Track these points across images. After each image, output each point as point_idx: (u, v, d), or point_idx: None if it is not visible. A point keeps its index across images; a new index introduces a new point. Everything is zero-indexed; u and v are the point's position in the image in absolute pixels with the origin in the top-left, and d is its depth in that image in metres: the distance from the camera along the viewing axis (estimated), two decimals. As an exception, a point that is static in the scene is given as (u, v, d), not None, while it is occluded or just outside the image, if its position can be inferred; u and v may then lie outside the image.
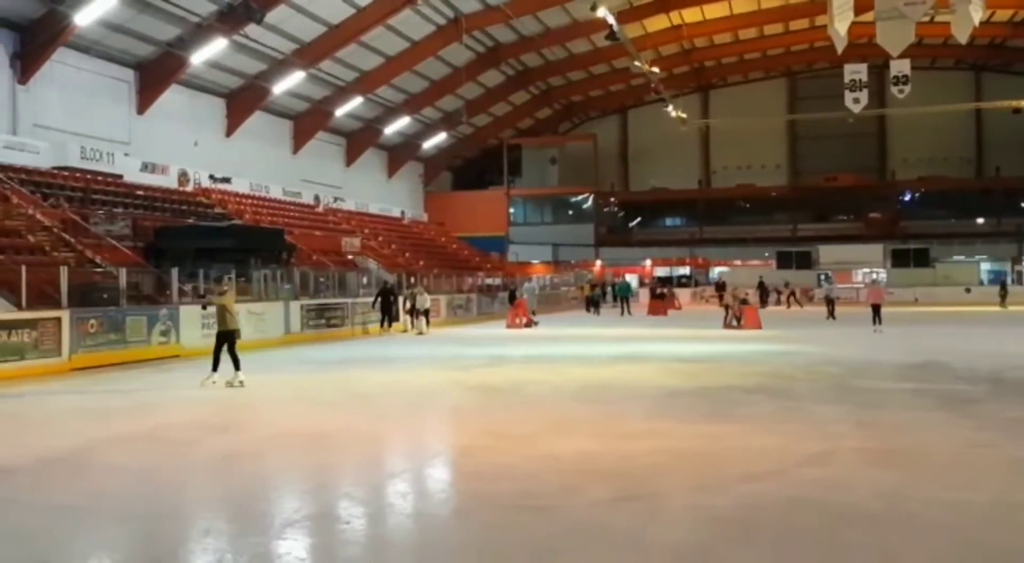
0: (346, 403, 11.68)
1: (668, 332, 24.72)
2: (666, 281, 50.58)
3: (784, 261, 52.53)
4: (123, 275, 18.83)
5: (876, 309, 24.22)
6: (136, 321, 17.57)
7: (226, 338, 13.26)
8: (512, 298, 32.71)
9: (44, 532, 5.64)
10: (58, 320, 15.64)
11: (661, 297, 37.40)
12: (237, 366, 13.09)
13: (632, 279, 53.38)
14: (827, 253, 51.80)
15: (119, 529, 5.76)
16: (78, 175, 26.72)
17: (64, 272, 17.01)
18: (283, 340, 21.94)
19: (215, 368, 13.10)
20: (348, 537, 5.63)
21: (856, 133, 52.77)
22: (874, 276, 48.23)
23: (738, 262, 55.52)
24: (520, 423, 9.56)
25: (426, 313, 26.12)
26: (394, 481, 7.22)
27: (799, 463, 7.42)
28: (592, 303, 38.29)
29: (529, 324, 28.31)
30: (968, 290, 47.05)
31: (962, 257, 52.04)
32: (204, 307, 15.17)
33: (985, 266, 52.68)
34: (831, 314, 30.19)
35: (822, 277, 50.38)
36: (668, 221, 59.18)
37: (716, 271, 55.19)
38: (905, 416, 9.95)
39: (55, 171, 26.24)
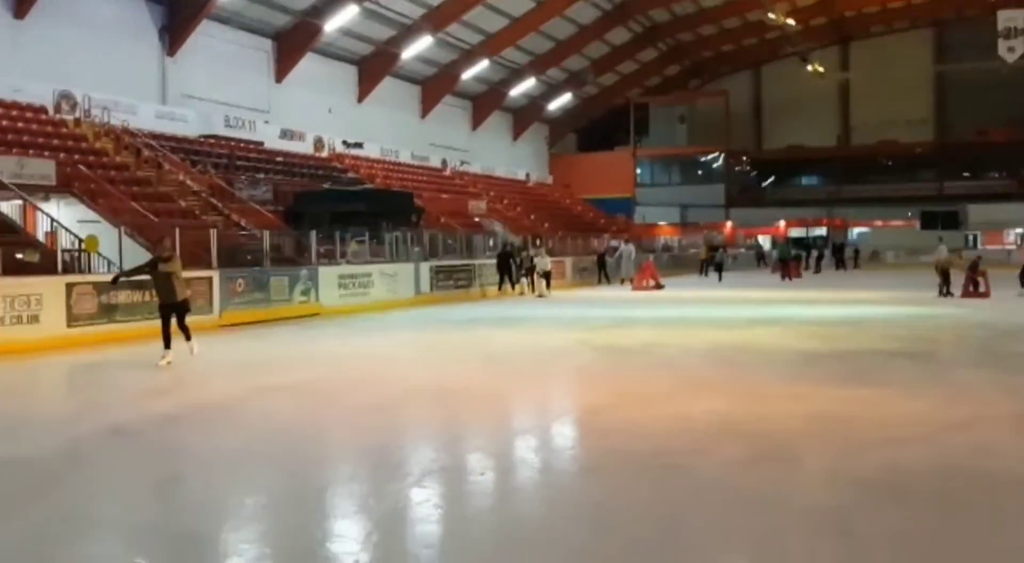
0: (475, 361, 11.94)
1: (805, 295, 23.97)
2: (801, 243, 48.77)
3: (929, 221, 49.74)
4: (266, 238, 19.77)
5: None
6: (279, 281, 18.43)
7: (174, 310, 11.32)
8: (602, 263, 31.74)
9: (209, 474, 6.08)
10: (209, 279, 16.61)
11: (797, 259, 36.09)
12: (188, 336, 11.51)
13: (764, 241, 51.90)
14: (977, 213, 48.72)
15: (274, 472, 6.13)
16: (223, 142, 28.12)
17: (214, 235, 18.01)
18: (413, 300, 22.55)
19: (167, 345, 11.15)
20: (482, 488, 5.80)
21: (1010, 84, 48.99)
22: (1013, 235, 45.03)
23: (879, 222, 53.02)
24: (650, 383, 9.55)
25: (546, 275, 25.88)
26: (524, 437, 7.37)
27: (945, 428, 7.12)
28: (715, 266, 33.28)
29: (658, 286, 28.00)
30: None
31: None
32: (114, 282, 12.24)
33: None
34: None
35: (971, 238, 47.56)
36: (804, 180, 57.00)
37: (855, 232, 52.92)
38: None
39: (202, 139, 27.68)
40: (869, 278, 32.59)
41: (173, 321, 11.33)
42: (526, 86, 44.85)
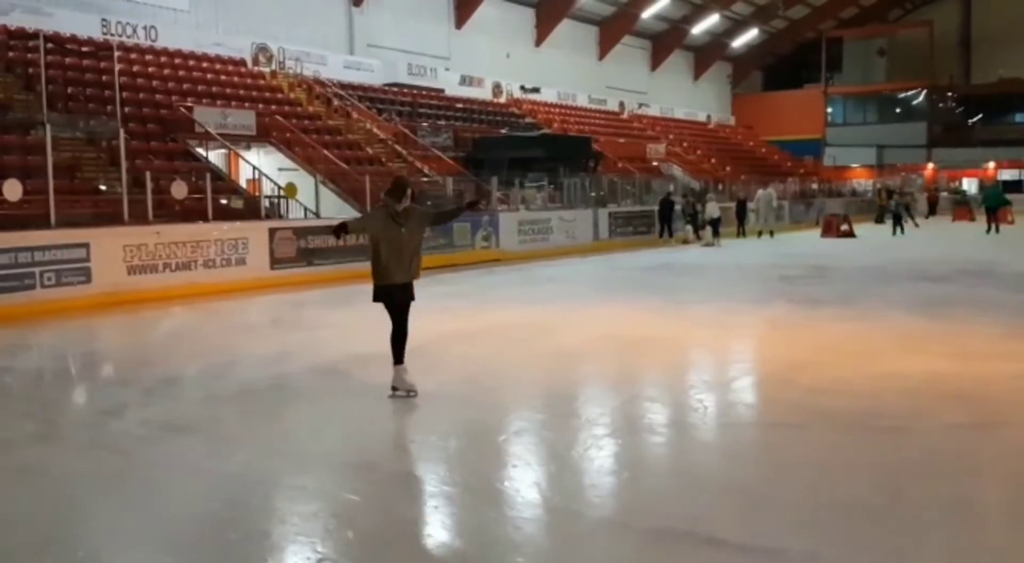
0: (663, 309, 11.66)
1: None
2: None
3: None
4: (449, 183, 20.16)
5: None
6: (462, 227, 18.77)
7: (409, 298, 7.48)
8: (665, 213, 24.71)
9: (409, 413, 6.26)
10: (396, 225, 17.14)
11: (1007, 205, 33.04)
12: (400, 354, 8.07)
13: (970, 184, 47.85)
14: None
15: (469, 414, 6.23)
16: (405, 90, 28.80)
17: (400, 182, 18.52)
18: (592, 247, 22.42)
19: (400, 359, 7.18)
20: (687, 442, 5.65)
21: None
22: None
23: (1106, 161, 47.54)
24: (856, 338, 8.97)
25: (714, 223, 24.11)
26: (726, 390, 7.11)
27: None
28: (894, 218, 27.56)
29: (848, 234, 26.43)
30: None
31: None
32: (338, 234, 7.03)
33: None
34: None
35: None
36: (1019, 117, 51.77)
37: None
38: None
39: (386, 87, 28.46)
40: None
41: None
42: (709, 23, 43.02)
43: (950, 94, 50.88)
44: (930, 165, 48.98)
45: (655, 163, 35.02)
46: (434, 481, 4.84)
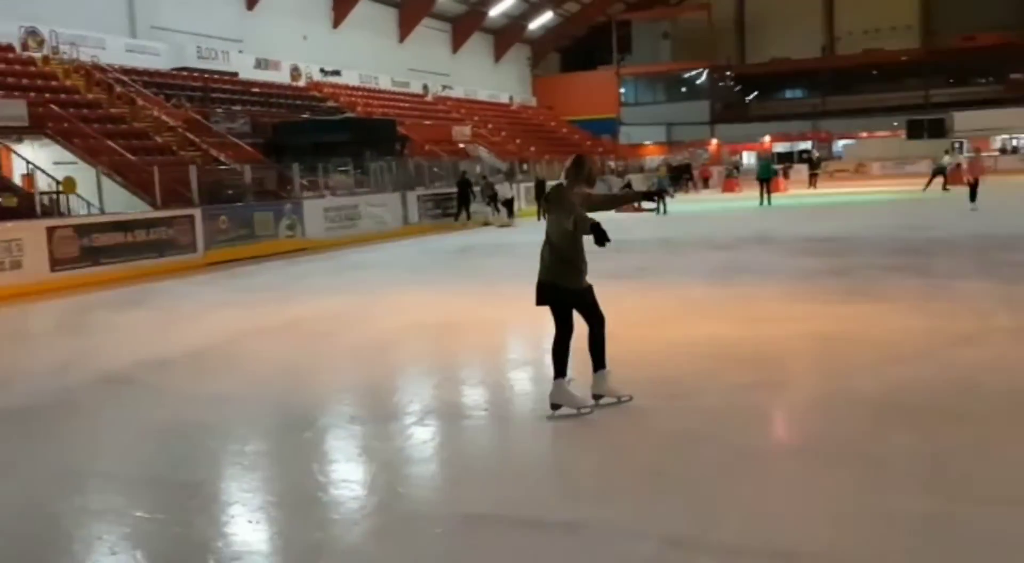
0: (473, 292, 11.79)
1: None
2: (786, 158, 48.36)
3: (915, 130, 49.38)
4: (247, 172, 19.38)
5: (975, 185, 21.14)
6: (263, 216, 18.14)
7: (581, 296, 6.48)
8: (462, 195, 24.11)
9: (203, 419, 5.95)
10: (191, 217, 16.29)
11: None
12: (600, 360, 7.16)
13: (749, 157, 51.44)
14: (963, 120, 48.31)
15: (270, 416, 6.00)
16: (196, 75, 27.34)
17: (193, 171, 17.61)
18: (402, 231, 22.31)
19: (562, 372, 6.80)
20: (488, 423, 5.71)
21: (998, -14, 48.38)
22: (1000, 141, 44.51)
23: (864, 134, 52.56)
24: (651, 307, 9.44)
25: (508, 203, 24.38)
26: (528, 368, 7.27)
27: (950, 344, 7.05)
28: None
29: (645, 208, 27.72)
30: (1123, 154, 43.31)
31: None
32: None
33: None
34: (944, 186, 28.89)
35: (957, 146, 47.31)
36: (788, 93, 56.22)
37: (841, 144, 52.50)
38: (1062, 292, 9.32)
39: (175, 72, 26.90)
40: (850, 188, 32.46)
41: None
42: (506, 5, 43.67)
43: (729, 74, 54.53)
44: (714, 141, 52.33)
45: (461, 145, 35.25)
46: (233, 490, 4.62)
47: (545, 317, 9.70)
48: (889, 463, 4.47)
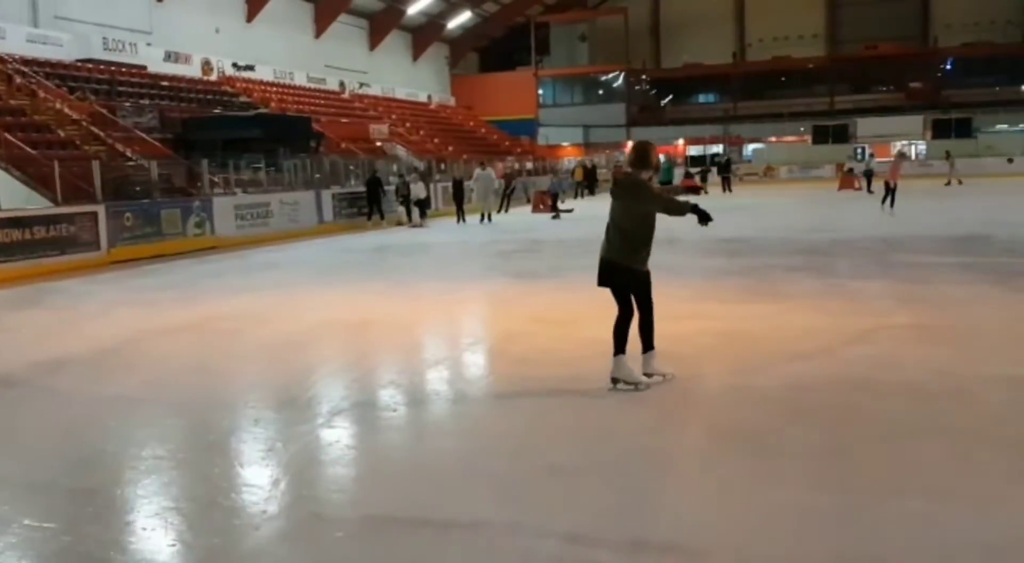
0: (386, 291, 11.69)
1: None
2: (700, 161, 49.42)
3: (820, 135, 51.16)
4: (154, 167, 18.83)
5: (893, 189, 21.40)
6: (171, 213, 17.63)
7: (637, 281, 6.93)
8: (372, 194, 23.84)
9: (100, 422, 5.75)
10: (94, 214, 15.72)
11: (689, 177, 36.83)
12: (649, 342, 7.35)
13: (664, 159, 52.33)
14: (865, 126, 50.25)
15: (172, 418, 5.85)
16: (102, 67, 26.37)
17: (96, 166, 17.00)
18: (316, 230, 21.99)
19: (622, 349, 7.04)
20: (396, 424, 5.67)
21: (897, -1, 50.49)
22: (908, 149, 46.56)
23: (772, 138, 54.14)
24: (562, 307, 9.52)
25: (420, 204, 23.76)
26: (439, 368, 7.25)
27: (846, 341, 7.31)
28: (552, 199, 26.56)
29: (561, 209, 27.97)
30: (1011, 160, 45.72)
31: (1006, 126, 50.27)
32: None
33: (1030, 135, 50.94)
34: (869, 188, 30.00)
35: (860, 151, 49.18)
36: (701, 98, 57.44)
37: (751, 148, 53.94)
38: (951, 291, 9.78)
39: (79, 63, 25.88)
40: (759, 195, 33.42)
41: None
42: (424, 3, 43.44)
43: (644, 77, 55.45)
44: (629, 143, 53.02)
45: (379, 143, 34.92)
46: (129, 496, 4.45)
47: (460, 316, 9.74)
48: (789, 457, 4.61)
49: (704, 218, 5.68)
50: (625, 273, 5.88)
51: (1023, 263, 11.84)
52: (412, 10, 43.45)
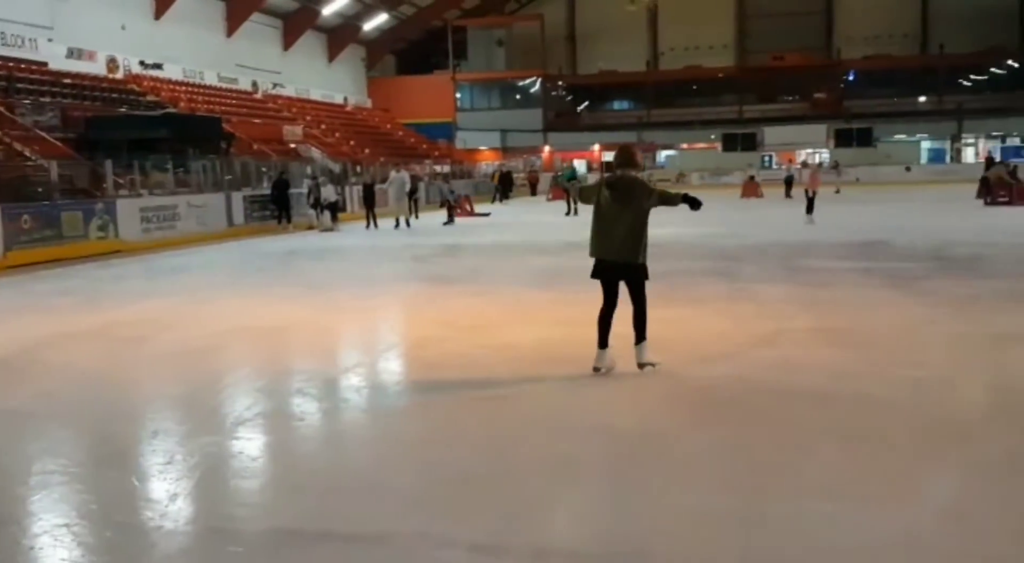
0: (297, 296, 11.47)
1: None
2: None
3: (730, 143, 52.66)
4: (54, 168, 18.10)
5: (812, 198, 21.28)
6: (72, 216, 16.95)
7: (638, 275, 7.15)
8: (280, 197, 23.33)
9: (-12, 437, 5.47)
10: (-12, 216, 15.01)
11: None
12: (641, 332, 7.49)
13: (580, 164, 52.97)
14: (772, 134, 51.92)
15: (66, 432, 5.60)
16: (-1, 63, 25.24)
17: (-10, 166, 16.24)
18: (226, 233, 21.46)
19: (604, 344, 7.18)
20: (303, 433, 5.55)
21: (803, 11, 52.28)
22: (816, 157, 48.28)
23: (684, 145, 55.36)
24: (476, 312, 9.50)
25: (331, 207, 23.27)
26: (349, 375, 7.13)
27: (752, 344, 7.49)
28: (448, 206, 26.04)
29: (477, 214, 28.03)
30: (908, 169, 47.81)
31: (904, 136, 52.57)
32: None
33: (926, 145, 53.38)
34: (788, 194, 31.41)
35: (766, 159, 50.70)
36: (616, 104, 58.37)
37: (664, 155, 55.01)
38: (852, 295, 10.13)
39: (-28, 58, 24.72)
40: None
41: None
42: (340, 4, 42.95)
43: (560, 83, 56.01)
44: (547, 148, 53.59)
45: (292, 145, 34.32)
46: (15, 515, 4.19)
47: (372, 322, 9.61)
48: (696, 460, 4.68)
49: (695, 204, 6.15)
50: (637, 269, 6.29)
51: (920, 268, 12.33)
52: (327, 11, 42.90)
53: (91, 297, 11.69)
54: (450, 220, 24.82)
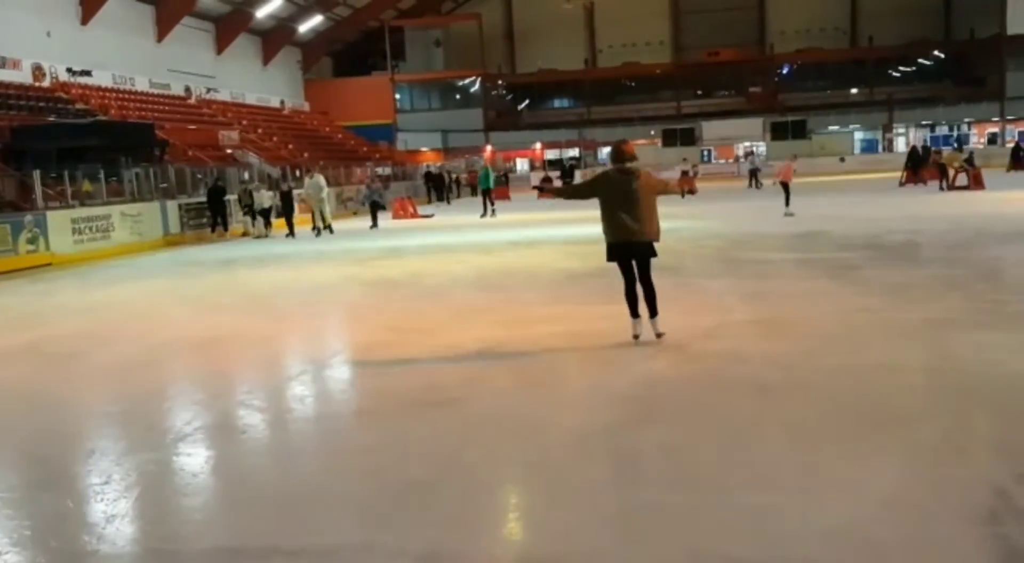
0: (238, 305, 11.27)
1: (560, 215, 24.77)
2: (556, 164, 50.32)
3: (669, 138, 53.22)
4: (-21, 180, 17.48)
5: (786, 188, 20.86)
6: (-1, 229, 16.41)
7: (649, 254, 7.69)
8: (216, 204, 22.86)
9: (-88, 464, 5.23)
10: (-91, 233, 14.44)
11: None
12: (653, 307, 7.71)
13: (522, 163, 53.10)
14: (710, 129, 52.67)
15: (-3, 455, 5.40)
16: (-86, 72, 24.33)
17: (-91, 180, 15.63)
18: (162, 242, 21.01)
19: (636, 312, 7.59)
20: (247, 447, 5.43)
21: (736, 6, 53.11)
22: (755, 149, 49.20)
23: (625, 141, 55.69)
24: (420, 316, 9.43)
25: (265, 213, 22.78)
26: (292, 384, 7.01)
27: (695, 338, 7.55)
28: (371, 208, 25.32)
29: (420, 216, 27.89)
30: (842, 159, 48.94)
31: (837, 127, 53.75)
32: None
33: (859, 136, 54.67)
34: (755, 185, 33.40)
35: (705, 153, 51.41)
36: (556, 102, 58.59)
37: (605, 151, 55.36)
38: (791, 286, 10.29)
39: None
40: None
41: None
42: (273, 6, 42.30)
43: (500, 82, 56.04)
44: (488, 148, 53.56)
45: (229, 150, 33.74)
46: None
47: (315, 329, 9.46)
48: (642, 457, 4.69)
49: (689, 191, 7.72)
50: (651, 247, 7.21)
51: (855, 258, 12.58)
52: (261, 13, 42.25)
53: (21, 312, 11.34)
54: (375, 224, 23.99)
